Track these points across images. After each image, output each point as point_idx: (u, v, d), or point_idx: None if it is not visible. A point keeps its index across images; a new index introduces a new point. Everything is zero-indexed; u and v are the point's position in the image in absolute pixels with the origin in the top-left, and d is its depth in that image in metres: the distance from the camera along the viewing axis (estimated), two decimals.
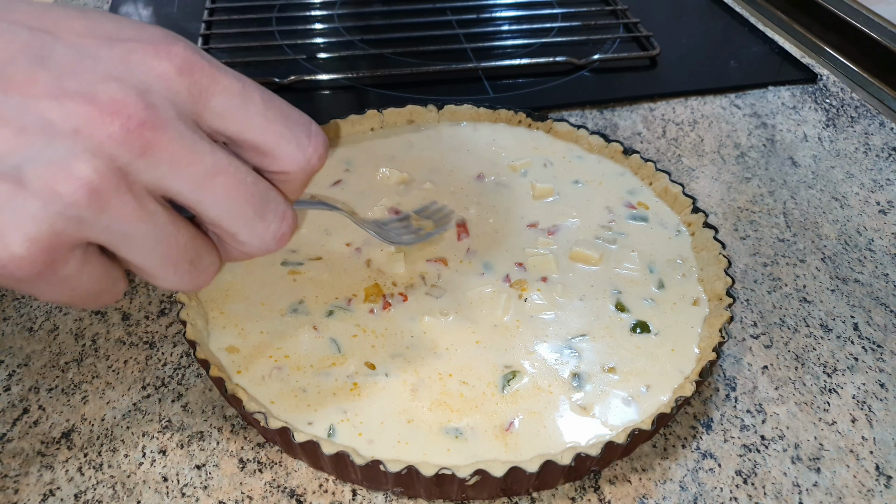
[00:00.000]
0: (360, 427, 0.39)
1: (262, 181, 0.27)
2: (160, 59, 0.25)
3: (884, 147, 0.68)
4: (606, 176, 0.57)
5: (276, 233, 0.27)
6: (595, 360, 0.43)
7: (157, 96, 0.24)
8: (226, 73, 0.26)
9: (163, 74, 0.24)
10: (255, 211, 0.26)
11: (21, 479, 0.39)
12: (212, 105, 0.25)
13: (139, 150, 0.23)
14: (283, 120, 0.27)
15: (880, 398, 0.45)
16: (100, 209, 0.23)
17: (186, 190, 0.25)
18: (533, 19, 0.87)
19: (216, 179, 0.25)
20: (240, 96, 0.26)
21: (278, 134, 0.27)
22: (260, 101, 0.26)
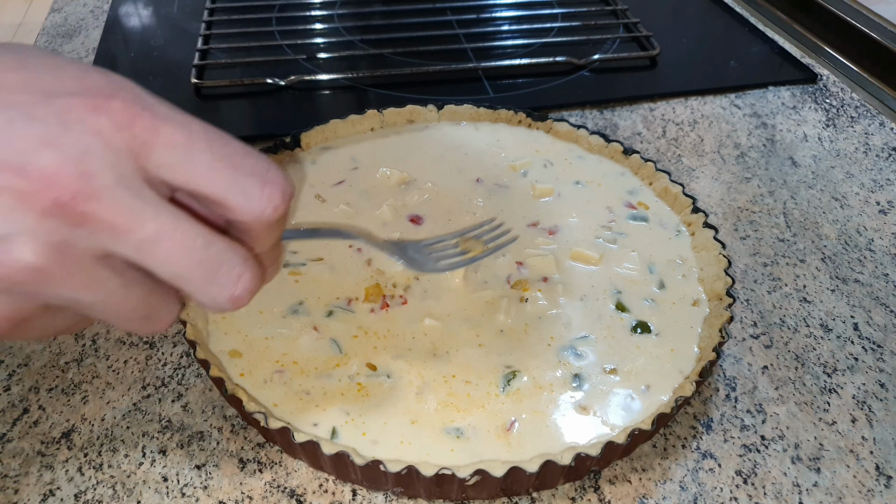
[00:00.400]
0: (363, 427, 0.39)
1: (215, 242, 0.25)
2: (98, 114, 0.24)
3: (884, 147, 0.68)
4: (606, 176, 0.57)
5: (230, 295, 0.26)
6: (595, 360, 0.43)
7: (94, 160, 0.23)
8: (169, 121, 0.25)
9: (101, 131, 0.23)
10: (205, 277, 0.25)
11: (21, 479, 0.39)
12: (154, 158, 0.24)
13: (75, 221, 0.22)
14: (232, 170, 0.25)
15: (880, 398, 0.45)
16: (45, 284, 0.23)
17: (131, 255, 0.24)
18: (533, 19, 0.87)
19: (160, 245, 0.24)
20: (183, 147, 0.25)
21: (226, 185, 0.25)
22: (206, 150, 0.25)
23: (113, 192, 0.23)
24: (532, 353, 0.43)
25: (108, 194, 0.23)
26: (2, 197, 0.22)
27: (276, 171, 0.27)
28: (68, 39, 0.82)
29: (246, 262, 0.26)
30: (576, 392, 0.41)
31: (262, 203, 0.26)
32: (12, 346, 0.47)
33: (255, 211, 0.26)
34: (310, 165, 0.56)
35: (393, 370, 0.42)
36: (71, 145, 0.23)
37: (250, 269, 0.26)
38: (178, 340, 0.47)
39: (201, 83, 0.72)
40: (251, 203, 0.26)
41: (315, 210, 0.52)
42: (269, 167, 0.26)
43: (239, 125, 0.70)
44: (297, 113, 0.70)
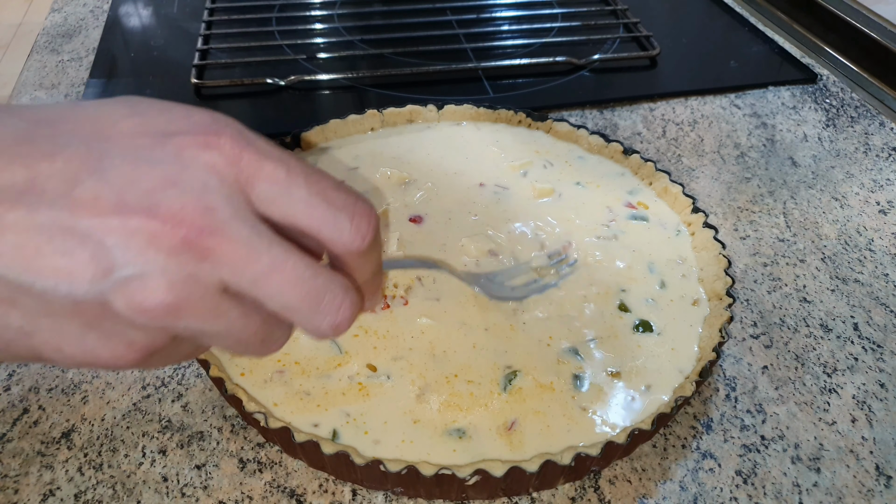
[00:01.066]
0: (364, 427, 0.39)
1: (320, 274, 0.27)
2: (210, 150, 0.25)
3: (884, 147, 0.68)
4: (606, 176, 0.57)
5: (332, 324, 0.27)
6: (595, 359, 0.43)
7: (213, 195, 0.24)
8: (270, 157, 0.26)
9: (214, 166, 0.25)
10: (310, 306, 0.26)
11: (21, 479, 0.39)
12: (257, 192, 0.26)
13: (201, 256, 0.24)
14: (325, 204, 0.27)
15: (880, 398, 0.45)
16: (177, 318, 0.24)
17: (245, 288, 0.25)
18: (533, 19, 0.87)
19: (272, 278, 0.25)
20: (284, 182, 0.26)
21: (320, 220, 0.27)
22: (304, 186, 0.26)
23: (232, 225, 0.24)
24: (533, 354, 0.43)
25: (228, 228, 0.24)
26: (135, 239, 0.23)
27: (363, 203, 0.28)
28: (68, 39, 0.82)
29: (347, 291, 0.27)
30: (576, 391, 0.41)
31: (352, 235, 0.27)
32: None
33: (346, 243, 0.27)
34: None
35: (393, 370, 0.42)
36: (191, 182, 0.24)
37: (350, 298, 0.28)
38: None
39: (201, 83, 0.72)
40: (343, 236, 0.27)
41: None
42: (356, 199, 0.28)
43: None
44: (297, 113, 0.70)
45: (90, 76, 0.73)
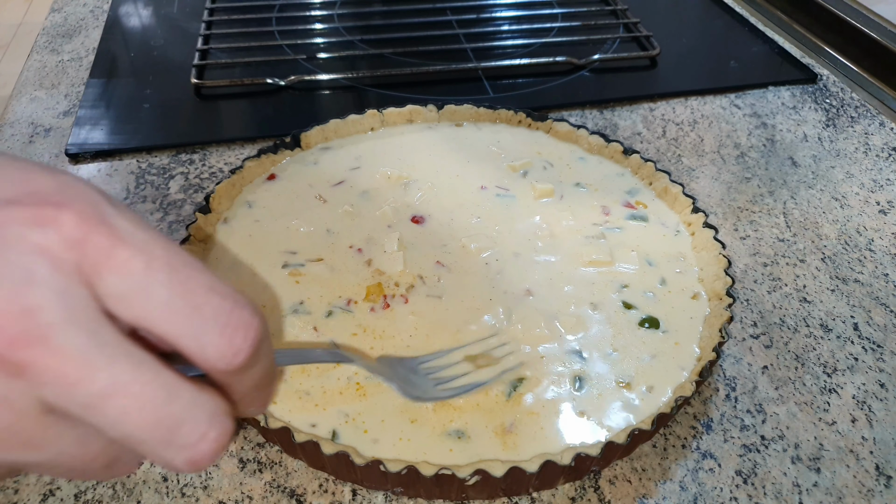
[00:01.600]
0: (363, 427, 0.39)
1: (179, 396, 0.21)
2: (44, 227, 0.19)
3: (884, 147, 0.68)
4: (606, 176, 0.57)
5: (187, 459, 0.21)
6: (595, 359, 0.43)
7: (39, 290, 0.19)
8: (127, 241, 0.20)
9: (47, 250, 0.19)
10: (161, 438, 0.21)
11: (21, 479, 0.39)
12: (104, 285, 0.20)
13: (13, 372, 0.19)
14: (189, 311, 0.21)
15: (880, 398, 0.45)
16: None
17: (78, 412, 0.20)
18: (533, 19, 0.87)
19: (111, 402, 0.20)
20: (139, 277, 0.20)
21: (180, 329, 0.21)
22: (165, 284, 0.21)
23: (61, 331, 0.19)
24: (534, 353, 0.43)
25: (54, 335, 0.19)
26: None
27: (241, 310, 0.22)
28: (68, 39, 0.82)
29: (213, 418, 0.22)
30: (577, 392, 0.41)
31: (220, 351, 0.22)
32: None
33: (213, 360, 0.22)
34: (311, 166, 0.56)
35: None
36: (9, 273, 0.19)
37: (217, 429, 0.22)
38: None
39: (201, 83, 0.72)
40: (208, 351, 0.21)
41: (317, 210, 0.52)
42: (233, 306, 0.22)
43: (239, 125, 0.69)
44: (297, 113, 0.70)
45: (90, 76, 0.73)
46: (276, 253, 0.49)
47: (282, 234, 0.50)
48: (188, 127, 0.67)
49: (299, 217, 0.52)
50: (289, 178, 0.55)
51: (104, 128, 0.66)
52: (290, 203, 0.53)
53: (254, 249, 0.49)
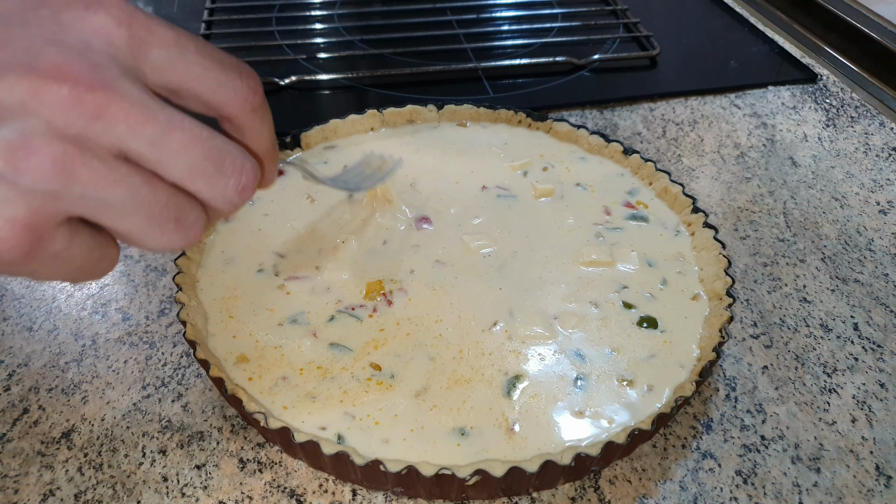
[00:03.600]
0: (368, 429, 0.39)
1: (215, 134, 0.26)
2: (94, 11, 0.23)
3: (884, 147, 0.68)
4: (606, 176, 0.57)
5: (237, 186, 0.26)
6: (595, 359, 0.43)
7: (98, 54, 0.23)
8: (160, 23, 0.25)
9: (100, 28, 0.23)
10: (215, 166, 0.25)
11: (21, 479, 0.39)
12: (151, 58, 0.25)
13: (91, 114, 0.22)
14: (218, 65, 0.27)
15: (880, 398, 0.45)
16: (69, 181, 0.22)
17: (146, 150, 0.24)
18: (533, 19, 0.87)
19: (173, 136, 0.24)
20: (176, 46, 0.25)
21: (214, 80, 0.26)
22: (195, 50, 0.26)
23: (123, 84, 0.23)
24: (535, 353, 0.43)
25: (119, 86, 0.23)
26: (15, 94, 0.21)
27: (243, 63, 0.28)
28: None
29: (244, 154, 0.27)
30: (577, 392, 0.41)
31: (245, 90, 0.27)
32: (12, 347, 0.47)
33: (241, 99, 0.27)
34: (322, 165, 0.56)
35: (396, 371, 0.42)
36: (73, 41, 0.23)
37: (249, 161, 0.27)
38: (178, 340, 0.47)
39: None
40: (238, 93, 0.27)
41: (309, 211, 0.52)
42: (238, 61, 0.28)
43: None
44: (297, 113, 0.70)
45: None
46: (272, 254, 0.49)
47: (282, 234, 0.50)
48: None
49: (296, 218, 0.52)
50: (294, 174, 0.55)
51: None
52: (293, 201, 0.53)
53: (255, 247, 0.49)
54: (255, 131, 0.29)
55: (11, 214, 0.22)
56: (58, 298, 0.50)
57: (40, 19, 0.23)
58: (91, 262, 0.26)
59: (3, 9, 0.23)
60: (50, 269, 0.25)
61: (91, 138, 0.22)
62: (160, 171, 0.25)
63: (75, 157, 0.22)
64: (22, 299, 0.50)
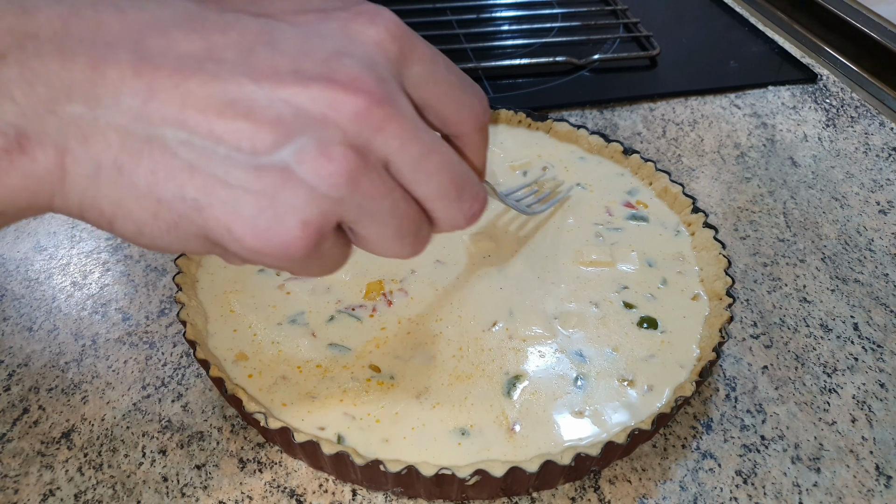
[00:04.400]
0: (369, 428, 0.39)
1: (461, 160, 0.27)
2: (375, 26, 0.25)
3: (884, 147, 0.68)
4: (606, 176, 0.57)
5: (469, 212, 0.28)
6: (595, 359, 0.43)
7: (381, 67, 0.24)
8: (419, 39, 0.27)
9: (380, 42, 0.25)
10: (457, 191, 0.27)
11: (21, 479, 0.39)
12: (412, 73, 0.26)
13: (377, 126, 0.23)
14: (461, 84, 0.28)
15: (880, 398, 0.45)
16: (355, 189, 0.24)
17: (406, 167, 0.25)
18: (533, 19, 0.87)
19: (432, 157, 0.25)
20: (431, 63, 0.27)
21: (458, 99, 0.28)
22: (445, 68, 0.27)
23: (401, 99, 0.24)
24: (535, 353, 0.43)
25: (399, 101, 0.24)
26: (318, 103, 0.23)
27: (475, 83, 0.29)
28: None
29: (479, 182, 0.28)
30: (578, 392, 0.41)
31: (479, 111, 0.29)
32: (12, 347, 0.47)
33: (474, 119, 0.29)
34: None
35: (396, 371, 0.42)
36: (361, 54, 0.24)
37: (482, 190, 0.28)
38: (178, 340, 0.47)
39: None
40: (472, 112, 0.28)
41: None
42: (472, 80, 0.29)
43: None
44: None
45: None
46: None
47: None
48: None
49: None
50: None
51: None
52: None
53: None
54: (477, 149, 0.31)
55: (307, 217, 0.23)
56: (58, 298, 0.50)
57: (332, 31, 0.25)
58: (339, 261, 0.27)
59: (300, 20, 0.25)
60: (313, 266, 0.26)
61: (372, 150, 0.24)
62: (411, 188, 0.26)
63: (362, 167, 0.23)
64: (22, 299, 0.50)
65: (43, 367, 0.45)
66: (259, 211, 0.23)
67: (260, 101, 0.22)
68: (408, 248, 0.28)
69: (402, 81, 0.26)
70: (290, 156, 0.23)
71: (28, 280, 0.51)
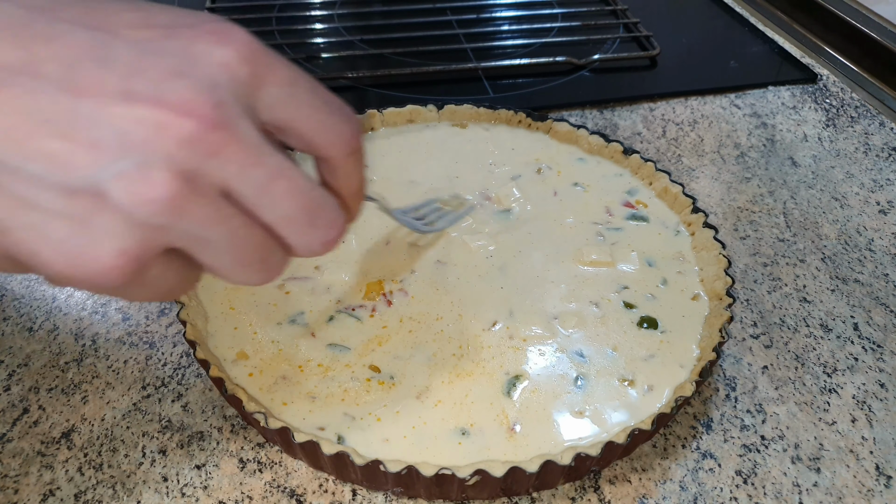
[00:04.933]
0: (369, 427, 0.39)
1: (315, 185, 0.26)
2: (223, 46, 0.24)
3: (884, 147, 0.68)
4: (606, 176, 0.57)
5: (324, 239, 0.27)
6: (595, 359, 0.43)
7: (223, 90, 0.23)
8: (279, 60, 0.25)
9: (226, 63, 0.24)
10: (309, 218, 0.26)
11: (21, 479, 0.39)
12: (264, 95, 0.25)
13: (210, 151, 0.22)
14: (326, 108, 0.27)
15: (880, 398, 0.45)
16: (179, 216, 0.23)
17: (250, 192, 0.24)
18: (533, 19, 0.87)
19: (278, 183, 0.24)
20: (290, 85, 0.25)
21: (322, 122, 0.27)
22: (307, 90, 0.26)
23: (243, 124, 0.23)
24: (536, 353, 0.43)
25: (238, 126, 0.23)
26: (141, 127, 0.22)
27: (347, 105, 0.28)
28: None
29: (337, 208, 0.27)
30: (578, 392, 0.41)
31: (347, 135, 0.28)
32: (12, 347, 0.47)
33: (341, 143, 0.27)
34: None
35: (396, 371, 0.42)
36: (201, 76, 0.23)
37: (341, 216, 0.27)
38: (178, 340, 0.47)
39: None
40: (339, 137, 0.27)
41: None
42: (342, 103, 0.28)
43: None
44: None
45: None
46: None
47: None
48: None
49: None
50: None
51: None
52: None
53: None
54: (348, 174, 0.29)
55: (121, 246, 0.22)
56: (58, 298, 0.50)
57: (173, 49, 0.23)
58: (178, 286, 0.26)
59: (139, 36, 0.23)
60: (140, 292, 0.25)
61: (204, 175, 0.23)
62: (257, 213, 0.25)
63: (188, 193, 0.22)
64: (22, 299, 0.50)
65: (43, 367, 0.45)
66: (69, 236, 0.22)
67: (79, 121, 0.21)
68: (255, 275, 0.26)
69: (253, 104, 0.24)
70: (108, 180, 0.21)
71: (28, 280, 0.51)
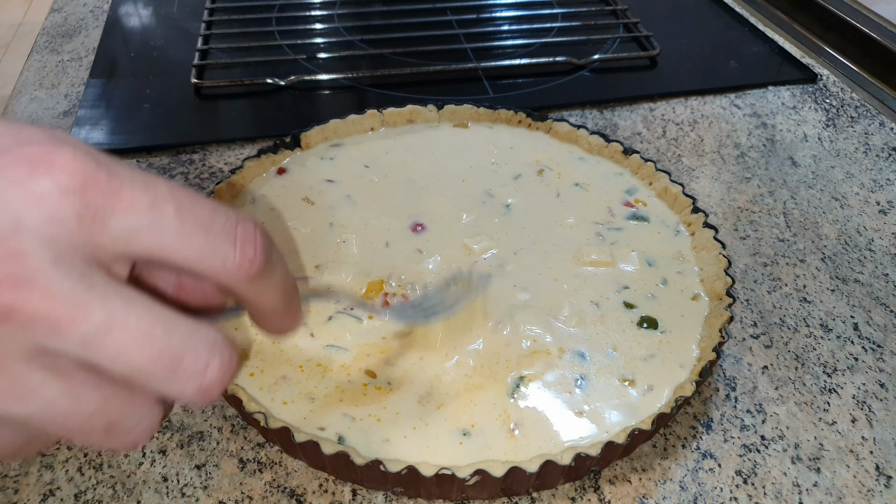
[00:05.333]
0: (369, 429, 0.39)
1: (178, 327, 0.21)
2: (37, 177, 0.19)
3: (884, 147, 0.68)
4: (606, 176, 0.57)
5: (196, 388, 0.22)
6: (596, 359, 0.43)
7: (26, 236, 0.19)
8: (130, 183, 0.21)
9: (41, 197, 0.19)
10: (167, 368, 0.21)
11: (21, 479, 0.39)
12: (111, 228, 0.20)
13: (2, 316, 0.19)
14: (203, 232, 0.22)
15: (880, 398, 0.45)
16: None
17: (75, 351, 0.20)
18: (533, 19, 0.87)
19: (111, 336, 0.20)
20: (148, 212, 0.21)
21: (198, 250, 0.22)
22: (174, 215, 0.21)
23: (49, 275, 0.19)
24: (536, 353, 0.43)
25: (43, 279, 0.19)
26: None
27: (244, 223, 0.23)
28: (68, 39, 0.82)
29: (213, 348, 0.22)
30: (579, 392, 0.41)
31: (238, 261, 0.23)
32: None
33: (233, 271, 0.23)
34: (328, 162, 0.56)
35: (396, 370, 0.42)
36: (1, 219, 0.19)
37: (219, 358, 0.22)
38: None
39: (201, 83, 0.72)
40: (226, 264, 0.23)
41: (309, 211, 0.52)
42: (237, 221, 0.23)
43: (239, 125, 0.69)
44: (296, 113, 0.70)
45: (90, 76, 0.73)
46: None
47: (282, 234, 0.50)
48: (188, 127, 0.67)
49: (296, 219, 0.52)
50: (295, 173, 0.55)
51: (104, 128, 0.66)
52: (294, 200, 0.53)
53: None
54: (256, 299, 0.25)
55: None
56: None
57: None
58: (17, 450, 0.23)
59: None
60: None
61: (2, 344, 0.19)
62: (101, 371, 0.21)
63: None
64: None
65: None
66: None
67: None
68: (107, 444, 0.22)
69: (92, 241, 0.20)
70: None
71: None
